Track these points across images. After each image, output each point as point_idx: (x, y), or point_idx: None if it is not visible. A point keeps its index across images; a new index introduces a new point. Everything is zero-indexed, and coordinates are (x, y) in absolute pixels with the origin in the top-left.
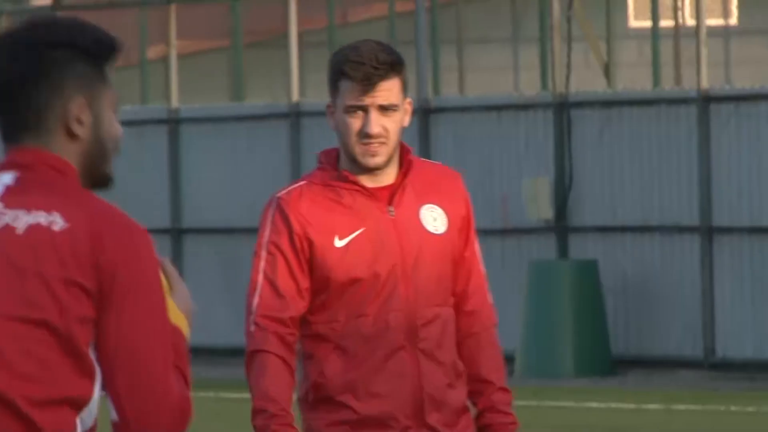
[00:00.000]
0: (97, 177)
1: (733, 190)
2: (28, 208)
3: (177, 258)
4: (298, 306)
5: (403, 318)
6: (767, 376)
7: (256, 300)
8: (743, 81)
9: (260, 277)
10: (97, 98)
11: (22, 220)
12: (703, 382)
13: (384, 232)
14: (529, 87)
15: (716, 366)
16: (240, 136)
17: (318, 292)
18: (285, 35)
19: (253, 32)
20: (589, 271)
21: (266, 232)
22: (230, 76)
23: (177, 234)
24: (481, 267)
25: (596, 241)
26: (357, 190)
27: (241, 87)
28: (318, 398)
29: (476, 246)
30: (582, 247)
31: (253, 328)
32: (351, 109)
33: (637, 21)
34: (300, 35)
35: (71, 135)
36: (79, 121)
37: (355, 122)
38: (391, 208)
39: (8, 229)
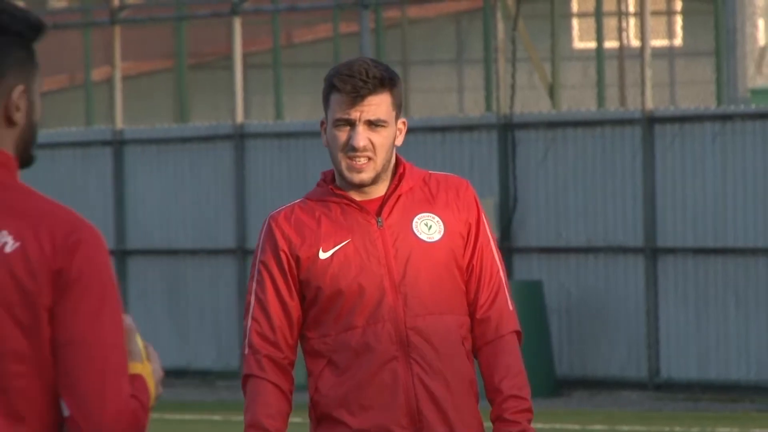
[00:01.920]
0: (25, 160)
1: (677, 210)
2: None
3: (122, 279)
4: (287, 328)
5: (392, 328)
6: (711, 397)
7: (249, 322)
8: (687, 102)
9: (252, 299)
10: (31, 83)
11: None
12: (647, 402)
13: (370, 243)
14: (474, 108)
15: (660, 386)
16: (184, 157)
17: (310, 307)
18: (229, 56)
19: (197, 54)
20: (533, 291)
21: (258, 253)
22: (174, 98)
23: (122, 255)
24: (497, 273)
25: (541, 262)
26: (346, 204)
27: (185, 108)
28: (318, 415)
29: (490, 253)
30: (526, 268)
31: (246, 350)
32: (339, 123)
33: (582, 42)
34: (244, 56)
35: (10, 123)
36: (18, 109)
37: (342, 135)
38: (380, 219)
39: None
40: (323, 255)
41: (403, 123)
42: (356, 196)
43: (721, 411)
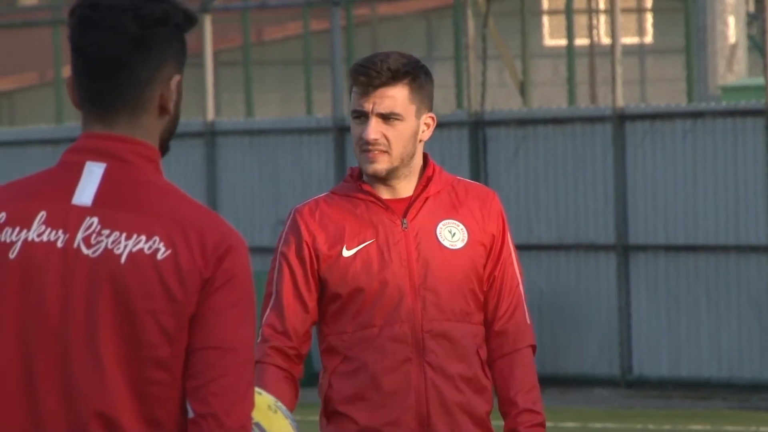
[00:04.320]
0: (164, 150)
1: (648, 207)
2: (128, 230)
3: None
4: (299, 319)
5: (409, 330)
6: (683, 394)
7: (265, 313)
8: (658, 99)
9: (272, 288)
10: (182, 74)
11: (122, 245)
12: (619, 400)
13: (394, 244)
14: (445, 105)
15: (632, 384)
16: None
17: (329, 303)
18: (200, 54)
19: None
20: None
21: (279, 244)
22: None
23: None
24: (517, 287)
25: None
26: (372, 202)
27: None
28: (329, 411)
29: (512, 266)
30: None
31: (258, 339)
32: (354, 114)
33: (553, 39)
34: (215, 54)
35: (163, 113)
36: (173, 99)
37: (358, 128)
38: (405, 221)
39: (110, 255)
40: (347, 253)
41: (431, 118)
42: (383, 194)
43: (692, 408)
